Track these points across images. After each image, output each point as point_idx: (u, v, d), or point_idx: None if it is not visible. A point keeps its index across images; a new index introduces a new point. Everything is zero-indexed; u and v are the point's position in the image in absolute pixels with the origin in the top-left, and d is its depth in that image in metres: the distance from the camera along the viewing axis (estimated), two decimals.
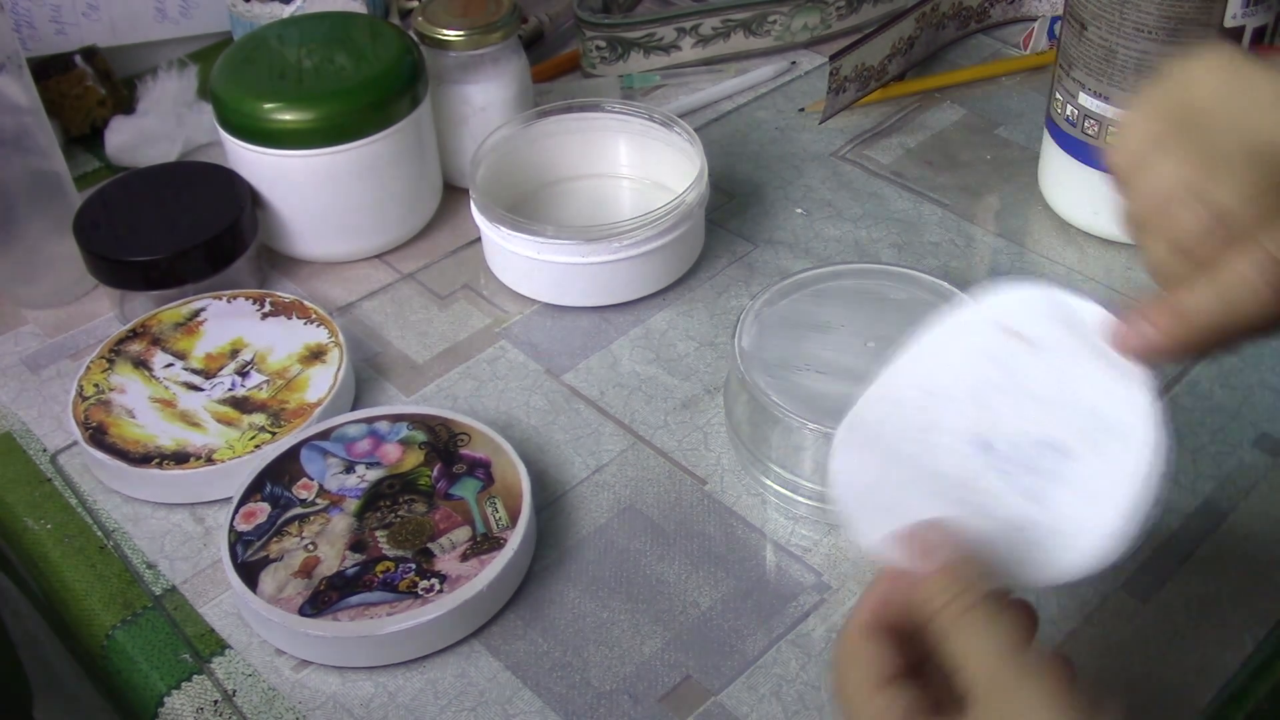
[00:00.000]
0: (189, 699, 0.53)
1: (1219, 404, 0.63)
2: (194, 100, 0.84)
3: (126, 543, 0.60)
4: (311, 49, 0.73)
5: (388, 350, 0.69)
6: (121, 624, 0.56)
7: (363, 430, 0.61)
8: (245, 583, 0.54)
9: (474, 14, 0.75)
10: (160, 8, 0.91)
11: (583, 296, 0.70)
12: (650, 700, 0.52)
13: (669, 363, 0.68)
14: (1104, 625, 0.54)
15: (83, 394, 0.64)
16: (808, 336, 0.62)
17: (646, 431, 0.64)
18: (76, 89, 0.84)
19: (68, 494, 0.63)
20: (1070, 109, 0.71)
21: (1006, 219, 0.76)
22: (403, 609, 0.53)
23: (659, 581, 0.57)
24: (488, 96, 0.76)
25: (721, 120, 0.86)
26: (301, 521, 0.57)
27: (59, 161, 0.73)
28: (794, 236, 0.75)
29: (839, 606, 0.55)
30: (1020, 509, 0.43)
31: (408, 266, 0.75)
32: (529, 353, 0.69)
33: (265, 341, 0.66)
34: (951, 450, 0.45)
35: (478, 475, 0.58)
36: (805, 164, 0.81)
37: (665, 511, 0.60)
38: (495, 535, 0.56)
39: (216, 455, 0.60)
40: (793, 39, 0.91)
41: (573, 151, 0.77)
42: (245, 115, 0.70)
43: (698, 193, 0.70)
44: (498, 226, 0.69)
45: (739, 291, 0.72)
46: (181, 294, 0.69)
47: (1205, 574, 0.56)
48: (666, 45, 0.89)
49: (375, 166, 0.72)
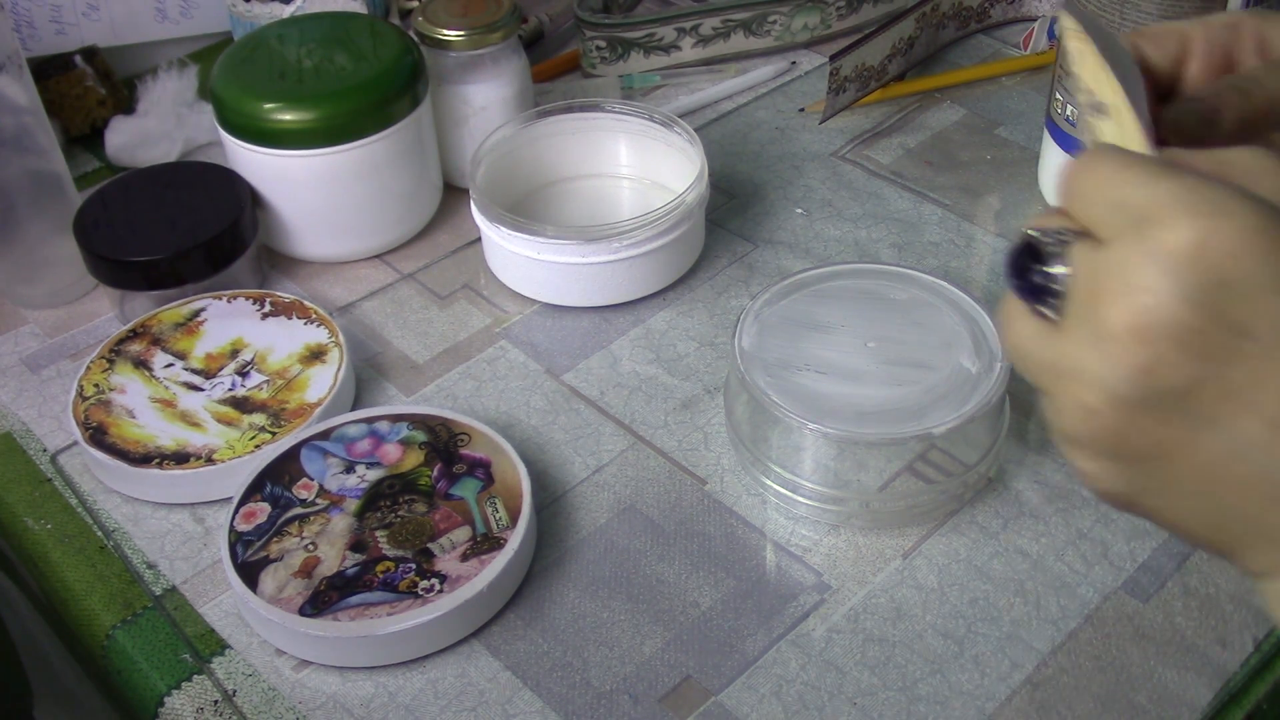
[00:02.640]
0: (189, 699, 0.53)
1: None
2: (194, 100, 0.84)
3: (126, 543, 0.60)
4: (311, 49, 0.73)
5: (388, 350, 0.69)
6: (121, 624, 0.56)
7: (363, 430, 0.61)
8: (245, 583, 0.54)
9: (474, 14, 0.75)
10: (160, 8, 0.91)
11: (583, 296, 0.70)
12: (650, 700, 0.52)
13: (669, 363, 0.68)
14: (1104, 625, 0.54)
15: (83, 394, 0.64)
16: (808, 336, 0.62)
17: (646, 431, 0.64)
18: (76, 89, 0.84)
19: (68, 494, 0.63)
20: (1070, 109, 0.71)
21: (1006, 219, 0.76)
22: (403, 609, 0.53)
23: (659, 581, 0.57)
24: (488, 96, 0.76)
25: (721, 120, 0.86)
26: (301, 521, 0.57)
27: (59, 161, 0.73)
28: (794, 236, 0.75)
29: (839, 606, 0.55)
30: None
31: (408, 266, 0.75)
32: (529, 353, 0.69)
33: (265, 341, 0.66)
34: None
35: (478, 475, 0.58)
36: (805, 164, 0.81)
37: (665, 511, 0.60)
38: (495, 535, 0.56)
39: (216, 455, 0.60)
40: (793, 39, 0.91)
41: (573, 151, 0.77)
42: (245, 115, 0.70)
43: (698, 193, 0.70)
44: (498, 226, 0.69)
45: (739, 291, 0.72)
46: (181, 294, 0.69)
47: (1205, 574, 0.56)
48: (666, 45, 0.89)
49: (375, 166, 0.72)
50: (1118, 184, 0.34)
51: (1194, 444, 0.34)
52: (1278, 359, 0.32)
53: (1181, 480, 0.34)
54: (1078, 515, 0.58)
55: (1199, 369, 0.33)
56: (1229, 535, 0.35)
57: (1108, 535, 0.57)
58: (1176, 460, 0.34)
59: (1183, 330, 0.32)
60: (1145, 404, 0.33)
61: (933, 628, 0.54)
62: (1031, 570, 0.56)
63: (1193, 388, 0.33)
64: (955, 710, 0.51)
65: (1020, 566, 0.57)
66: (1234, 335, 0.32)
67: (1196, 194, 0.32)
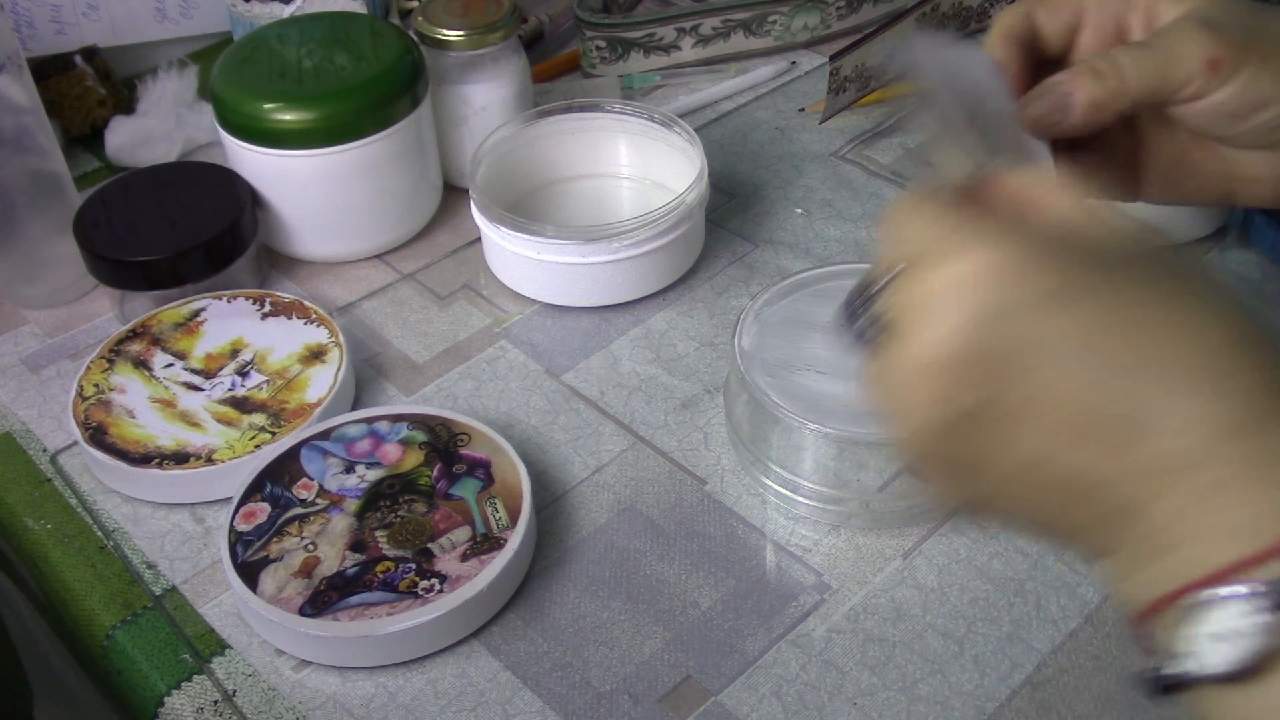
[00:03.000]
0: (189, 699, 0.53)
1: None
2: (194, 100, 0.84)
3: (126, 543, 0.60)
4: (311, 49, 0.73)
5: (388, 350, 0.69)
6: (121, 624, 0.56)
7: (363, 430, 0.61)
8: (245, 583, 0.54)
9: (474, 14, 0.75)
10: (160, 8, 0.91)
11: (583, 296, 0.70)
12: (650, 700, 0.52)
13: (669, 363, 0.68)
14: (1104, 625, 0.54)
15: (83, 394, 0.64)
16: (808, 336, 0.62)
17: (646, 431, 0.64)
18: (76, 89, 0.84)
19: (68, 494, 0.63)
20: None
21: None
22: (403, 609, 0.53)
23: (659, 581, 0.57)
24: (488, 96, 0.76)
25: (721, 120, 0.86)
26: (301, 521, 0.57)
27: (59, 161, 0.73)
28: (794, 236, 0.75)
29: (839, 606, 0.55)
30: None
31: (408, 266, 0.75)
32: (529, 353, 0.69)
33: (265, 341, 0.66)
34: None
35: (478, 475, 0.58)
36: (805, 164, 0.81)
37: (665, 511, 0.60)
38: (495, 535, 0.56)
39: (216, 455, 0.60)
40: (793, 39, 0.91)
41: (573, 151, 0.77)
42: (245, 115, 0.70)
43: (698, 193, 0.70)
44: (498, 226, 0.69)
45: (739, 291, 0.72)
46: (181, 294, 0.69)
47: None
48: (666, 45, 0.89)
49: (375, 166, 0.72)
50: (910, 226, 0.38)
51: (1001, 455, 0.36)
52: (1049, 370, 0.35)
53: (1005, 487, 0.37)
54: None
55: (983, 391, 0.35)
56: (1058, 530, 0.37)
57: None
58: (993, 471, 0.37)
59: (963, 359, 0.35)
60: (949, 429, 0.36)
61: (933, 628, 0.54)
62: (1031, 570, 0.56)
63: (983, 407, 0.36)
64: (955, 710, 0.51)
65: (1020, 566, 0.57)
66: (1008, 355, 0.35)
67: (967, 230, 0.36)
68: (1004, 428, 0.36)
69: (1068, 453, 0.35)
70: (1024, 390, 0.35)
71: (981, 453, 0.37)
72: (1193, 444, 0.33)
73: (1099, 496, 0.35)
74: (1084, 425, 0.35)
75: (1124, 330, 0.35)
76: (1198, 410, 0.33)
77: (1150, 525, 0.34)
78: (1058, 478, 0.36)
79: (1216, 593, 0.32)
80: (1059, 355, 0.35)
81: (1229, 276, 0.70)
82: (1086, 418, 0.35)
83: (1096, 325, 0.35)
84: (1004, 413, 0.36)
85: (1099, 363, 0.34)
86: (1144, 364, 0.34)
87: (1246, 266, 0.71)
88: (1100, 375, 0.34)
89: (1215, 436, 0.33)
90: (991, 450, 0.36)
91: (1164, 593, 0.33)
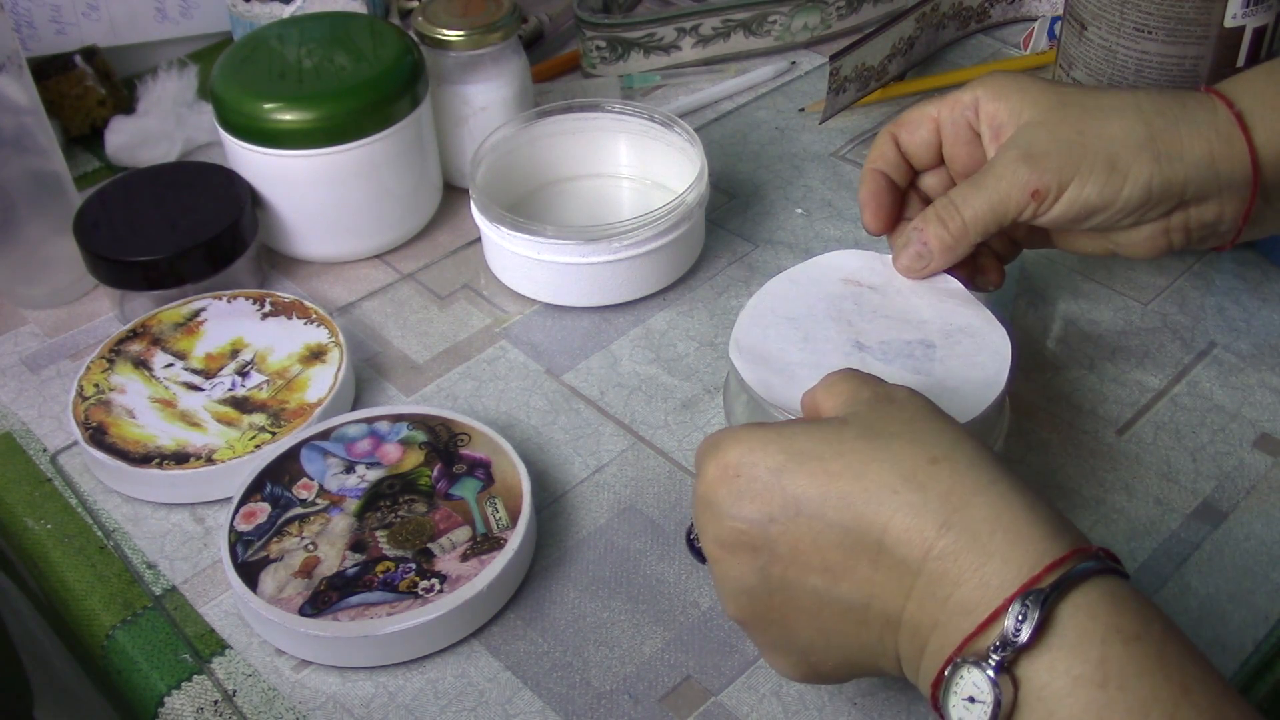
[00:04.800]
0: (189, 699, 0.53)
1: (1219, 404, 0.63)
2: (194, 100, 0.84)
3: (126, 543, 0.60)
4: (311, 49, 0.73)
5: (388, 350, 0.69)
6: (121, 624, 0.56)
7: (363, 430, 0.61)
8: (245, 583, 0.54)
9: (474, 14, 0.75)
10: (160, 8, 0.91)
11: (583, 296, 0.70)
12: (650, 700, 0.52)
13: (669, 363, 0.68)
14: None
15: (83, 394, 0.64)
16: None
17: (646, 431, 0.64)
18: (76, 89, 0.84)
19: (68, 494, 0.63)
20: None
21: None
22: (403, 609, 0.53)
23: (659, 581, 0.57)
24: (488, 96, 0.76)
25: (721, 120, 0.86)
26: (301, 521, 0.57)
27: (59, 161, 0.73)
28: (794, 236, 0.75)
29: None
30: (909, 379, 0.53)
31: (408, 266, 0.75)
32: (529, 353, 0.69)
33: (265, 341, 0.66)
34: (834, 349, 0.55)
35: (478, 475, 0.58)
36: (805, 164, 0.81)
37: (665, 511, 0.60)
38: (495, 535, 0.56)
39: (216, 455, 0.60)
40: (793, 39, 0.91)
41: (573, 151, 0.77)
42: (245, 115, 0.70)
43: (698, 193, 0.70)
44: (498, 226, 0.69)
45: (739, 291, 0.72)
46: (181, 294, 0.69)
47: (1205, 574, 0.56)
48: (666, 45, 0.89)
49: (375, 166, 0.72)
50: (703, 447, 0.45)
51: (794, 605, 0.43)
52: (799, 521, 0.42)
53: (813, 628, 0.43)
54: (1078, 515, 0.58)
55: (758, 557, 0.43)
56: (868, 656, 0.43)
57: (1108, 535, 0.57)
58: (799, 619, 0.43)
59: (734, 537, 0.43)
60: (746, 595, 0.44)
61: None
62: None
63: (764, 571, 0.43)
64: None
65: None
66: (765, 522, 0.42)
67: (726, 435, 0.44)
68: (787, 580, 0.43)
69: (836, 587, 0.42)
70: (786, 546, 0.42)
71: (781, 607, 0.43)
72: (911, 551, 0.40)
73: (873, 616, 0.42)
74: (837, 561, 0.42)
75: (845, 475, 0.41)
76: (907, 521, 0.40)
77: (910, 626, 0.41)
78: (842, 607, 0.42)
79: (956, 668, 0.39)
80: (798, 512, 0.42)
81: (1229, 276, 0.70)
82: (836, 554, 0.41)
83: (821, 479, 0.42)
84: (781, 569, 0.43)
85: (831, 506, 0.41)
86: (865, 496, 0.41)
87: (1246, 266, 0.71)
88: (834, 518, 0.41)
89: (927, 538, 0.40)
90: (786, 602, 0.43)
91: (932, 678, 0.40)
